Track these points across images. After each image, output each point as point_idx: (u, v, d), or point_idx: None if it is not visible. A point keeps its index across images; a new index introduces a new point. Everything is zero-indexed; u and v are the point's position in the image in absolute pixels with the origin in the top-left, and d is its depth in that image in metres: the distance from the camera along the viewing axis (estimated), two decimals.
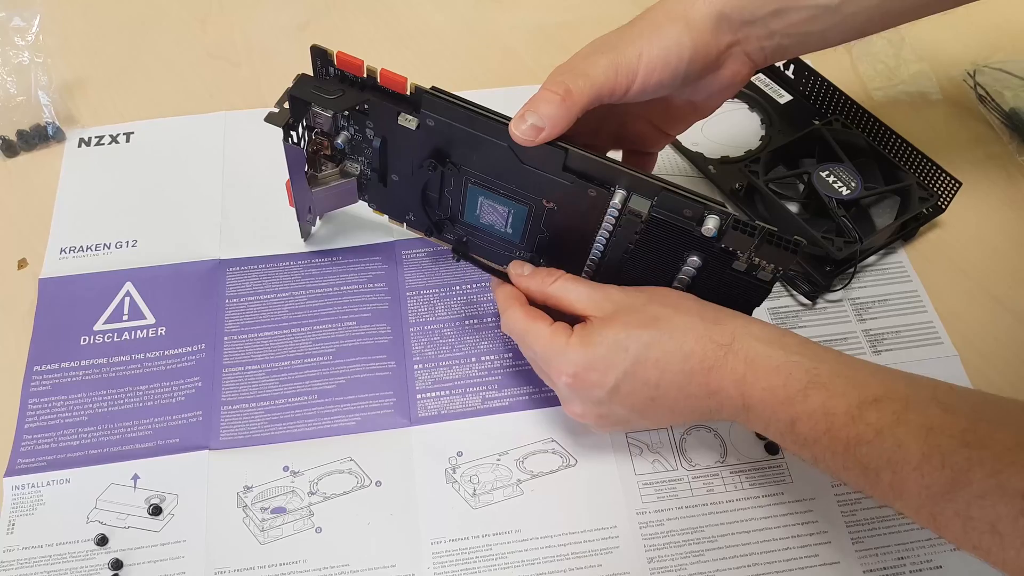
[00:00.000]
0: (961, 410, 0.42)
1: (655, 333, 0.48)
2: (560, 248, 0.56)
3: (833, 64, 0.78)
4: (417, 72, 0.78)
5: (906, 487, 0.41)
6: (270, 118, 0.54)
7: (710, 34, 0.51)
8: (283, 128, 0.55)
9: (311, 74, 0.56)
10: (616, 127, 0.58)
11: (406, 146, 0.55)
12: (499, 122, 0.51)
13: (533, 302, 0.54)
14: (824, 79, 0.72)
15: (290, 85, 0.55)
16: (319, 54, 0.54)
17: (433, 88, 0.52)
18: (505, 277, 0.55)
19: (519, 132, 0.48)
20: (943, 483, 0.40)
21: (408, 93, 0.53)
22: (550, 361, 0.51)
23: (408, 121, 0.53)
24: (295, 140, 0.57)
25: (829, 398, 0.45)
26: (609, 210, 0.51)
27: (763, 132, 0.73)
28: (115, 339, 0.61)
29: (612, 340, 0.49)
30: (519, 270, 0.54)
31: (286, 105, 0.55)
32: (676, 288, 0.53)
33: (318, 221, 0.66)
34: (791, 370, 0.46)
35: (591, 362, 0.49)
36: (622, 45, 0.50)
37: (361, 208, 0.65)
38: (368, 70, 0.54)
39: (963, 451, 0.40)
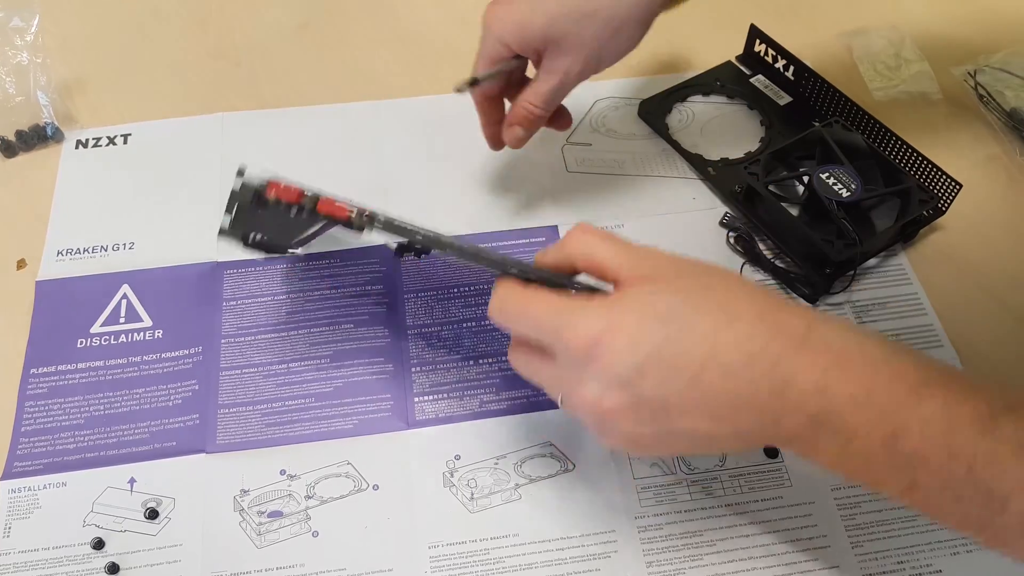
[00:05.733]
0: None
1: (704, 302, 0.39)
2: None
3: (833, 65, 0.78)
4: (417, 73, 0.78)
5: None
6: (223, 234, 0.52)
7: None
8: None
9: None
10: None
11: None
12: (437, 238, 0.49)
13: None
14: (824, 80, 0.72)
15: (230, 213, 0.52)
16: (253, 192, 0.51)
17: (370, 215, 0.49)
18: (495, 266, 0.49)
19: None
20: None
21: (349, 219, 0.50)
22: (561, 327, 0.40)
23: (362, 237, 0.51)
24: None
25: (950, 402, 0.36)
26: None
27: (762, 133, 0.73)
28: (112, 342, 0.61)
29: (647, 302, 0.39)
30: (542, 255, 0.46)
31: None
32: None
33: None
34: (897, 366, 0.38)
35: (616, 325, 0.39)
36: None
37: None
38: (307, 200, 0.50)
39: None
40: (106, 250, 0.66)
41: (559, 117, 0.60)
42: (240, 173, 0.51)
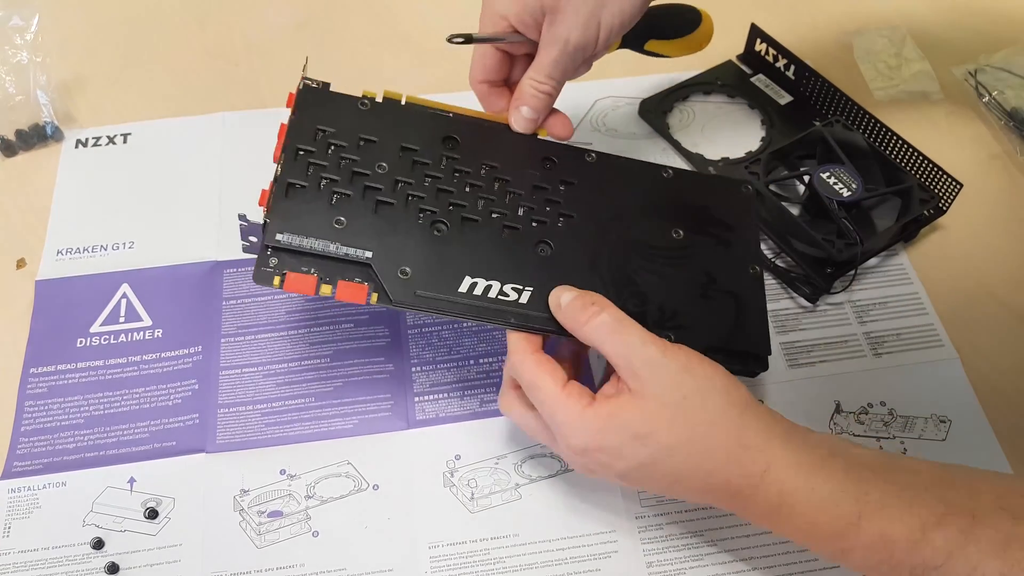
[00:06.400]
0: None
1: (681, 438, 0.45)
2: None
3: (834, 64, 0.78)
4: (417, 73, 0.78)
5: None
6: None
7: None
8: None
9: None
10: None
11: None
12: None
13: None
14: (825, 80, 0.72)
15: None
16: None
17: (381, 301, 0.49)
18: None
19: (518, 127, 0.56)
20: None
21: (367, 303, 0.49)
22: (559, 425, 0.47)
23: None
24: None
25: (886, 525, 0.42)
26: None
27: (763, 133, 0.73)
28: (112, 341, 0.61)
29: (634, 431, 0.45)
30: (558, 299, 0.49)
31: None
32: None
33: None
34: (838, 502, 0.43)
35: (603, 445, 0.46)
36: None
37: None
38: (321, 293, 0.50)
39: None
40: (106, 249, 0.66)
41: (558, 124, 0.58)
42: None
